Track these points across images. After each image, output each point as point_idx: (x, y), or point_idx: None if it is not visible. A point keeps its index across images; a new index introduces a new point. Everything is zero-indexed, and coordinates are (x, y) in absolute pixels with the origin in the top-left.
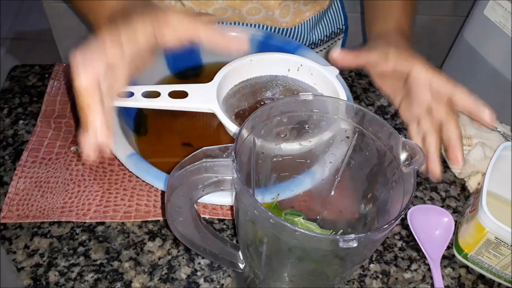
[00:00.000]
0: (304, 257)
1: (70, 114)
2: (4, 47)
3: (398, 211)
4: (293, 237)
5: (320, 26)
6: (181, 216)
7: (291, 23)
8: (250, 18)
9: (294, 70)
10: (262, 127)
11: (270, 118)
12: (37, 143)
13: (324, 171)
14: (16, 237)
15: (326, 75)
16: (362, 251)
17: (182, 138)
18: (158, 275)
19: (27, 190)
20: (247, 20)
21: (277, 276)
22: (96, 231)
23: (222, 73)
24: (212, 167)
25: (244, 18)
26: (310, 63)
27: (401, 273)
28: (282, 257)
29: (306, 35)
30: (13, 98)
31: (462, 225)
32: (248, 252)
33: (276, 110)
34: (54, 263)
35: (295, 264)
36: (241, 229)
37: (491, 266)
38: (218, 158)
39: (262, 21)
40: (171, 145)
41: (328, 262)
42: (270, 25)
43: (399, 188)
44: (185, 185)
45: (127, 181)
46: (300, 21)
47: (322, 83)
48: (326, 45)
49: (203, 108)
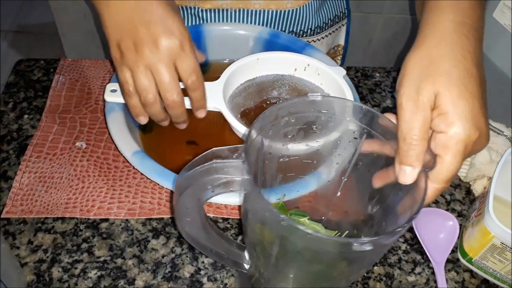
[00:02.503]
0: (313, 259)
1: (75, 110)
2: (7, 40)
3: (408, 213)
4: (304, 240)
5: (324, 9)
6: (189, 216)
7: (296, 3)
8: (254, 2)
9: (300, 69)
10: (270, 127)
11: (278, 118)
12: (41, 138)
13: (330, 172)
14: (20, 232)
15: (333, 75)
16: (372, 255)
17: (186, 136)
18: (162, 273)
19: (31, 185)
20: (251, 3)
21: (283, 277)
22: (100, 227)
23: (228, 71)
24: (222, 168)
25: (249, 1)
26: (317, 63)
27: (405, 276)
28: (290, 259)
29: (311, 18)
30: (18, 92)
31: (467, 229)
32: (255, 252)
33: (284, 110)
34: (58, 259)
35: (302, 265)
36: (249, 229)
37: (495, 271)
38: (228, 159)
39: (267, 5)
40: (175, 143)
41: (336, 265)
42: (275, 8)
43: (408, 190)
44: (195, 186)
45: (131, 178)
46: (305, 2)
47: (328, 83)
48: (331, 29)
49: (209, 106)
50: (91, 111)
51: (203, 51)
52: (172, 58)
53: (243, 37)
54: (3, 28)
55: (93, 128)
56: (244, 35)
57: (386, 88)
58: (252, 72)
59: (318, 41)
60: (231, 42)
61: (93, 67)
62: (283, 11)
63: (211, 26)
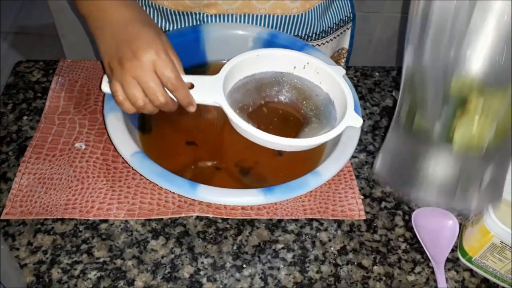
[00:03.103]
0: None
1: (74, 111)
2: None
3: None
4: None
5: (329, 13)
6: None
7: (301, 8)
8: (260, 7)
9: (300, 67)
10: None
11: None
12: (41, 139)
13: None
14: (19, 233)
15: (333, 74)
16: None
17: (186, 137)
18: (161, 274)
19: (31, 187)
20: (257, 8)
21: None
22: (99, 228)
23: (228, 66)
24: None
25: (254, 6)
26: (317, 61)
27: (405, 275)
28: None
29: (316, 22)
30: (17, 93)
31: (466, 228)
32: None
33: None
34: (57, 260)
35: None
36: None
37: (495, 270)
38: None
39: (272, 9)
40: (175, 144)
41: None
42: (280, 13)
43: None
44: None
45: (130, 179)
46: (310, 7)
47: (328, 82)
48: (336, 33)
49: (209, 100)
50: (90, 112)
51: (202, 51)
52: (152, 67)
53: (243, 37)
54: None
55: (92, 129)
56: (244, 35)
57: (386, 88)
58: (252, 69)
59: (323, 45)
60: (230, 42)
61: (92, 68)
62: (289, 16)
63: (210, 26)
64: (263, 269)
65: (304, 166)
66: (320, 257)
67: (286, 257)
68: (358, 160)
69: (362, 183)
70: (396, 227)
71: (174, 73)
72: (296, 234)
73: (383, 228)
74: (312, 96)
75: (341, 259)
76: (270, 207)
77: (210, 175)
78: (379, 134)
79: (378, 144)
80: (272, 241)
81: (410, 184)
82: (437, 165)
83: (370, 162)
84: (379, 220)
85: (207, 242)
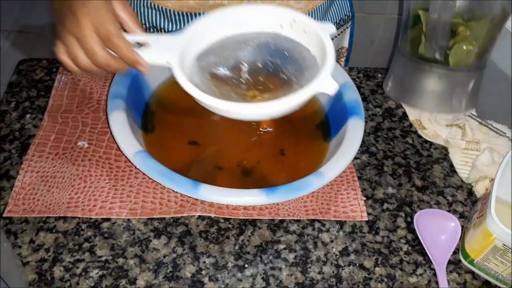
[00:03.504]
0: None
1: (77, 109)
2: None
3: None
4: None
5: (330, 12)
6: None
7: (305, 8)
8: None
9: (287, 26)
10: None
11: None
12: (44, 137)
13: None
14: (22, 231)
15: (319, 32)
16: None
17: (189, 136)
18: (163, 273)
19: (33, 185)
20: None
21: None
22: (101, 227)
23: (198, 24)
24: None
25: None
26: (304, 18)
27: (406, 277)
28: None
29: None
30: (21, 92)
31: (468, 230)
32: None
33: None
34: (59, 259)
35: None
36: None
37: (497, 272)
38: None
39: None
40: (177, 143)
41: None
42: None
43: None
44: None
45: (133, 177)
46: (313, 7)
47: (314, 43)
48: (336, 33)
49: (160, 60)
50: (93, 110)
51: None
52: (90, 24)
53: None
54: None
55: (95, 127)
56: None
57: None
58: (231, 28)
59: None
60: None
61: None
62: None
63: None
64: (264, 269)
65: (306, 166)
66: (322, 258)
67: (288, 257)
68: (361, 161)
69: (364, 184)
70: (398, 228)
71: (113, 30)
72: (298, 235)
73: (385, 229)
74: (298, 60)
75: (342, 260)
76: (272, 207)
77: (212, 175)
78: (381, 135)
79: (381, 145)
80: (274, 242)
81: (416, 97)
82: (436, 79)
83: (373, 163)
84: (381, 222)
85: (209, 242)
